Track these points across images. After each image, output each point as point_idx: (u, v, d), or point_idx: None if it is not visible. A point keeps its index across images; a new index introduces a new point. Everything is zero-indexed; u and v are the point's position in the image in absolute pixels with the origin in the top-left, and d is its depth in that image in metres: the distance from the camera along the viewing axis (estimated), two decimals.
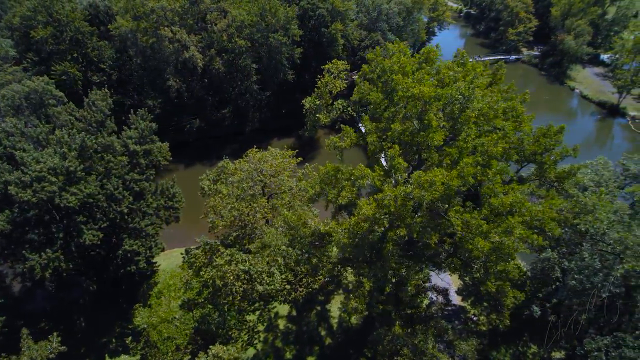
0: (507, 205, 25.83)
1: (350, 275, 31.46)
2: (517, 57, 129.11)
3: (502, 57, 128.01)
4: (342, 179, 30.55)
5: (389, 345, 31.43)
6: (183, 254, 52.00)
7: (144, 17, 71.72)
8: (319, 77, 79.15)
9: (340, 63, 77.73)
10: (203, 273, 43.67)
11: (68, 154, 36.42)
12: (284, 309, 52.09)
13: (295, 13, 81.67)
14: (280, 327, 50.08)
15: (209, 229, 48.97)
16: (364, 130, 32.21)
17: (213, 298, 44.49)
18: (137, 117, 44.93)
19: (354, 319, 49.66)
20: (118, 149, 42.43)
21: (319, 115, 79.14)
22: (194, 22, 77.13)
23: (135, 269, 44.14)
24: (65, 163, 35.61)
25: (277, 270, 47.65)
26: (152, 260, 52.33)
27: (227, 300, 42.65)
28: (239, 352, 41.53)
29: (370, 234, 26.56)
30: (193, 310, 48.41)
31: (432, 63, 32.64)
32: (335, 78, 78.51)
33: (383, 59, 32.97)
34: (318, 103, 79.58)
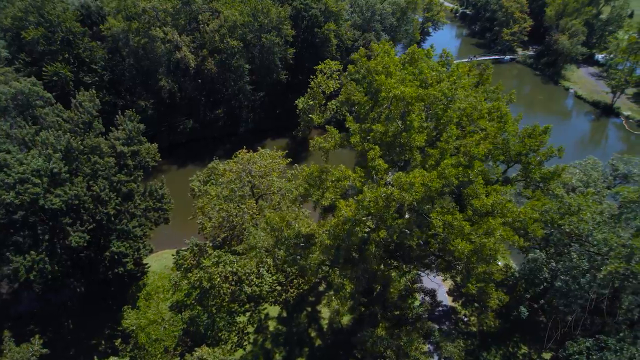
0: (488, 207, 25.71)
1: (338, 278, 31.20)
2: (512, 57, 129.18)
3: (497, 57, 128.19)
4: (326, 180, 30.41)
5: (373, 347, 31.29)
6: (174, 255, 51.90)
7: (136, 17, 71.52)
8: (312, 77, 79.05)
9: (333, 63, 77.64)
10: (191, 275, 43.55)
11: (53, 156, 36.19)
12: (275, 310, 51.91)
13: (288, 13, 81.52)
14: (271, 328, 49.90)
15: (199, 231, 48.85)
16: (349, 131, 32.10)
17: (201, 300, 44.37)
18: (124, 118, 44.73)
19: (345, 320, 49.51)
20: (105, 150, 42.21)
21: (312, 116, 79.04)
22: (186, 22, 76.96)
23: (123, 271, 43.88)
24: (50, 165, 35.40)
25: (266, 272, 47.54)
26: (141, 262, 52.21)
27: (215, 302, 42.52)
28: (225, 354, 41.29)
29: (352, 236, 26.42)
30: (182, 312, 48.25)
31: (416, 63, 32.46)
32: (329, 78, 78.41)
33: (367, 60, 32.85)
34: (311, 103, 79.50)
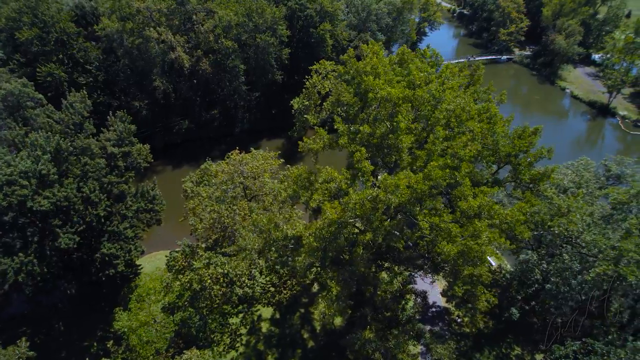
0: (475, 209, 25.53)
1: (326, 279, 31.04)
2: (508, 57, 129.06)
3: (494, 57, 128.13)
4: (315, 182, 30.25)
5: (361, 350, 31.10)
6: (167, 257, 51.74)
7: (130, 17, 71.32)
8: (307, 77, 78.81)
9: (328, 63, 77.33)
10: (182, 276, 43.35)
11: (41, 157, 36.01)
12: (268, 312, 51.76)
13: (283, 13, 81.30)
14: (263, 330, 49.75)
15: (191, 232, 48.68)
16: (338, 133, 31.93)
17: (193, 301, 44.18)
18: (115, 119, 44.54)
19: (337, 322, 49.37)
20: (96, 152, 42.03)
21: (307, 116, 78.74)
22: (181, 22, 76.74)
23: (114, 272, 43.70)
24: (38, 166, 35.22)
25: (258, 273, 47.34)
26: (134, 263, 51.98)
27: (205, 304, 42.32)
28: (215, 356, 41.11)
29: (338, 238, 26.25)
30: (174, 314, 48.05)
31: (406, 64, 32.28)
32: (324, 79, 78.10)
33: (356, 61, 32.67)
34: (307, 104, 79.16)
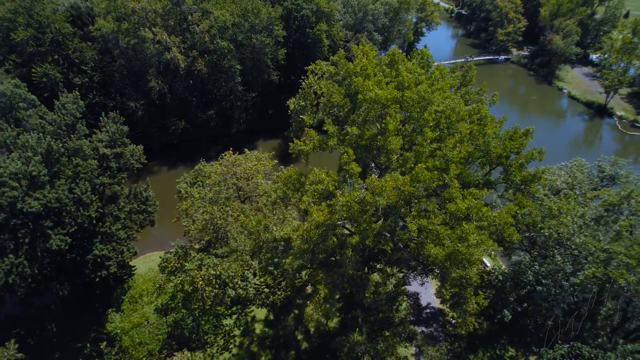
0: (463, 211, 25.39)
1: (315, 282, 30.95)
2: (506, 57, 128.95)
3: (491, 57, 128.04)
4: (305, 183, 30.13)
5: (350, 353, 30.95)
6: (162, 257, 51.65)
7: (126, 18, 71.22)
8: (304, 77, 78.72)
9: (324, 64, 77.24)
10: (174, 278, 43.25)
11: (32, 159, 35.91)
12: (262, 313, 51.66)
13: (279, 14, 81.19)
14: (257, 331, 49.64)
15: (185, 233, 48.60)
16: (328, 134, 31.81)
17: (185, 303, 44.08)
18: (107, 119, 44.44)
19: (331, 323, 49.27)
20: (88, 153, 41.92)
21: (303, 117, 78.65)
22: (176, 23, 76.60)
23: (107, 274, 43.60)
24: (29, 168, 35.12)
25: (251, 274, 47.23)
26: (127, 264, 51.87)
27: (197, 306, 42.21)
28: (207, 357, 41.02)
29: (325, 240, 26.11)
30: (167, 315, 47.97)
31: (396, 65, 32.14)
32: (320, 79, 78.00)
33: (347, 62, 32.56)
34: (303, 104, 79.09)
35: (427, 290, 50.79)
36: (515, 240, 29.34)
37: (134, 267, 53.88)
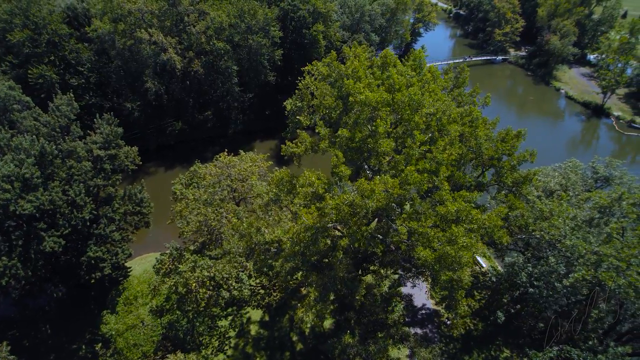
0: (453, 214, 25.42)
1: (307, 284, 30.96)
2: (504, 57, 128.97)
3: (489, 57, 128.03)
4: (297, 186, 30.14)
5: (342, 355, 30.97)
6: (157, 259, 51.63)
7: (122, 19, 71.21)
8: (300, 78, 78.74)
9: (320, 64, 77.28)
10: (168, 280, 43.25)
11: (25, 161, 35.92)
12: (257, 314, 51.67)
13: (276, 14, 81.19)
14: (252, 332, 49.66)
15: (179, 235, 48.62)
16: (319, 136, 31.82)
17: (179, 304, 44.08)
18: (102, 121, 44.43)
19: (327, 325, 49.29)
20: (82, 155, 41.93)
21: (300, 118, 78.68)
22: (173, 24, 76.58)
23: (101, 276, 43.59)
24: (22, 170, 35.12)
25: (245, 276, 47.22)
26: (122, 266, 51.86)
27: (191, 307, 42.21)
28: (200, 359, 41.01)
29: (316, 243, 26.14)
30: (162, 317, 47.96)
31: (388, 67, 32.14)
32: (316, 80, 78.03)
33: (339, 64, 32.56)
34: (299, 105, 79.11)
35: (422, 292, 50.80)
36: (506, 243, 29.34)
37: (130, 268, 53.86)
